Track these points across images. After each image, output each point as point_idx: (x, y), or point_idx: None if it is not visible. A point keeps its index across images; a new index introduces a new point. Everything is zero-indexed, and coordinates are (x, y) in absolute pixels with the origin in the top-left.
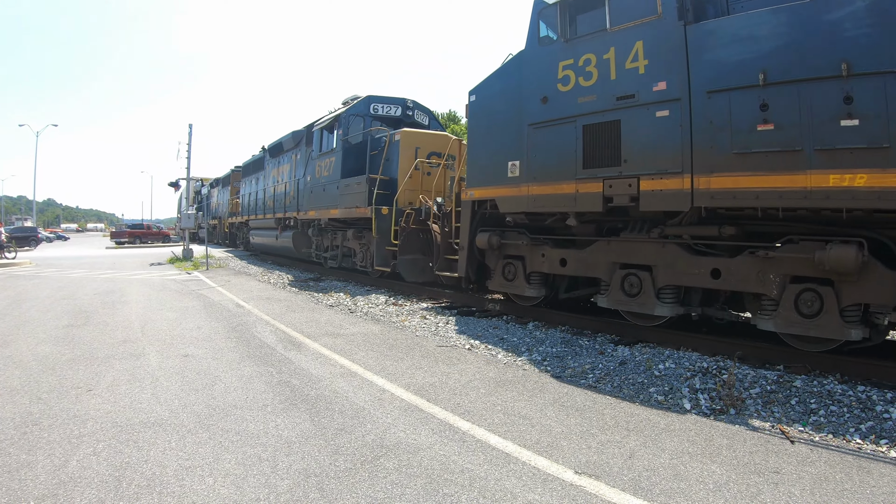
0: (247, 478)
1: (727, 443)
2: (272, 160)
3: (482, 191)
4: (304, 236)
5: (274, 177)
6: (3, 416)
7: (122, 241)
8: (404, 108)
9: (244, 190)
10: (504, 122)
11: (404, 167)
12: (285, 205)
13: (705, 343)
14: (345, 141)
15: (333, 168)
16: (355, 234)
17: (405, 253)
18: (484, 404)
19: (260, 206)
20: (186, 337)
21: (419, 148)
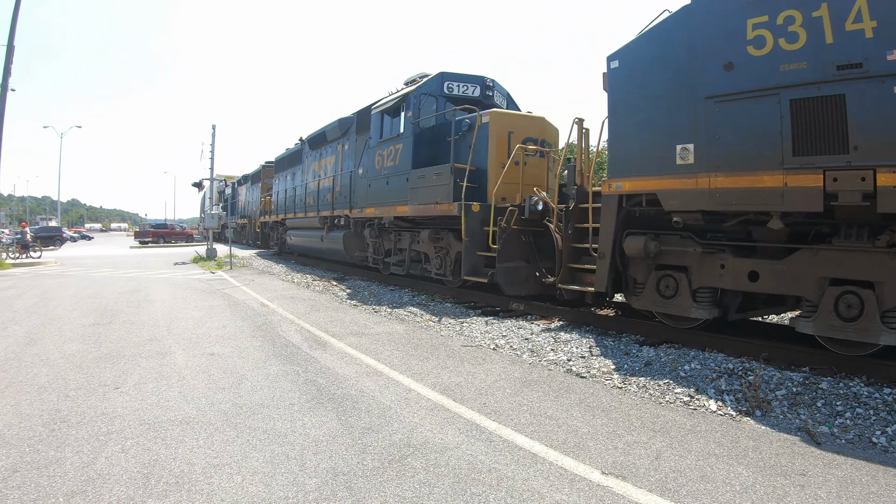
0: (275, 476)
1: (753, 444)
2: (312, 153)
3: (635, 182)
4: (358, 238)
5: (315, 171)
6: (31, 412)
7: (145, 241)
8: (483, 87)
9: (278, 187)
10: (666, 94)
11: (495, 155)
12: (333, 202)
13: (731, 344)
14: (415, 125)
15: (401, 157)
16: (431, 235)
17: (506, 260)
18: (510, 404)
19: (299, 204)
20: (212, 335)
21: (512, 133)
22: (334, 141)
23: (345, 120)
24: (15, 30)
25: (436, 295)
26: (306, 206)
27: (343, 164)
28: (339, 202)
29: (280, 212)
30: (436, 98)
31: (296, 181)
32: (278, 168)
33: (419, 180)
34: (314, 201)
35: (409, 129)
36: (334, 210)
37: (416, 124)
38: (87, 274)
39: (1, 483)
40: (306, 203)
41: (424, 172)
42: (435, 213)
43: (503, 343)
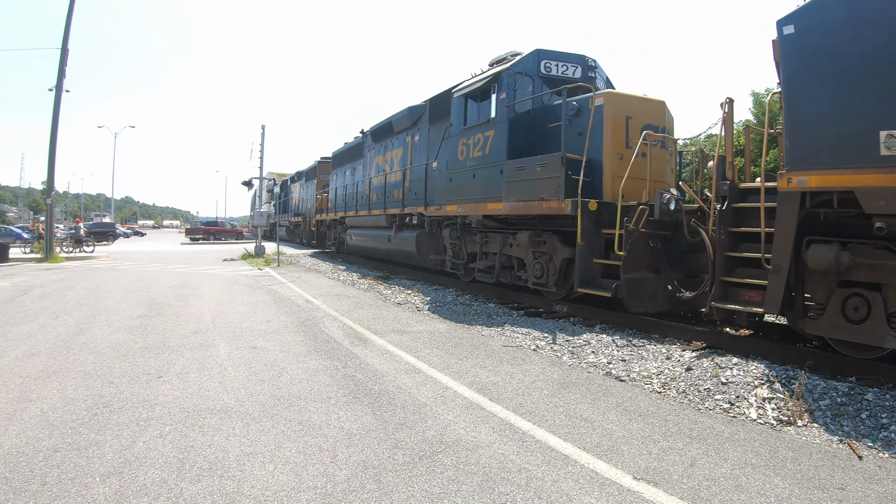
0: (306, 466)
1: (792, 455)
2: (376, 146)
3: (823, 176)
4: (433, 239)
5: (379, 165)
6: (75, 397)
7: (196, 238)
8: (584, 67)
9: (335, 183)
10: (866, 64)
11: (611, 144)
12: (402, 198)
13: (775, 350)
14: (510, 108)
15: (492, 146)
16: (532, 238)
17: (632, 269)
18: (546, 405)
19: (361, 201)
20: (256, 330)
21: (630, 118)
22: (402, 132)
23: (415, 108)
24: (69, 34)
25: (479, 295)
26: (370, 204)
27: (413, 156)
28: (410, 199)
29: (338, 209)
30: (532, 78)
31: (356, 177)
32: (336, 163)
33: (517, 173)
34: (379, 198)
35: (502, 112)
36: (404, 208)
37: (511, 108)
38: (137, 268)
39: (42, 462)
40: (369, 200)
41: (525, 164)
42: (538, 212)
43: (544, 344)
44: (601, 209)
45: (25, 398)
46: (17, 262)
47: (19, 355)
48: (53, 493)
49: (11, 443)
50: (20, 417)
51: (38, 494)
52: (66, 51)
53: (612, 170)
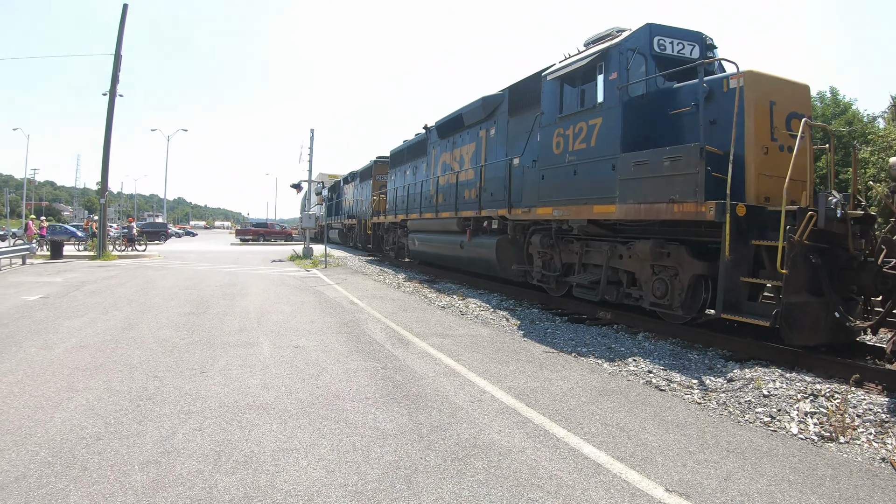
0: (339, 464)
1: (831, 473)
2: (442, 142)
3: None
4: (517, 246)
5: (446, 163)
6: (121, 389)
7: (246, 239)
8: (703, 46)
9: (394, 183)
10: None
11: (754, 135)
12: (479, 200)
13: (820, 364)
14: (622, 91)
15: (599, 136)
16: (654, 249)
17: (792, 291)
18: (583, 413)
19: (426, 202)
20: (299, 329)
21: (774, 104)
22: (475, 126)
23: (490, 99)
24: (122, 40)
25: (524, 300)
26: (437, 206)
27: (489, 152)
28: (486, 200)
29: (398, 212)
30: (644, 57)
31: (419, 176)
32: (394, 162)
33: (636, 169)
34: (447, 199)
35: (613, 96)
36: (481, 210)
37: (625, 90)
38: (187, 267)
39: (84, 448)
40: (436, 202)
41: (648, 157)
42: (667, 217)
43: (585, 351)
44: (753, 214)
45: (72, 388)
46: (71, 258)
47: (69, 347)
48: (93, 479)
49: (56, 429)
50: (66, 406)
51: (78, 479)
52: (119, 57)
53: (756, 166)
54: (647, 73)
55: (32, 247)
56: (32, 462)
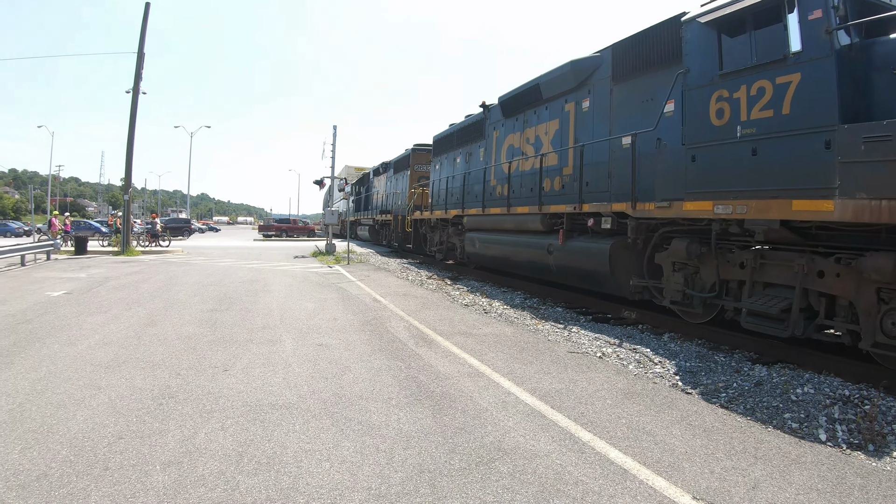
0: (362, 466)
1: (860, 483)
2: (508, 121)
3: None
4: (637, 255)
5: (514, 146)
6: (143, 386)
7: (269, 234)
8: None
9: (440, 173)
10: None
11: None
12: (578, 191)
13: (850, 368)
14: (830, 37)
15: (794, 99)
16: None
17: None
18: (609, 416)
19: (490, 195)
20: (322, 327)
21: None
22: (559, 97)
23: (583, 63)
24: (144, 39)
25: (548, 299)
26: (509, 199)
27: (580, 130)
28: (588, 192)
29: (449, 206)
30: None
31: (474, 164)
32: (440, 149)
33: (873, 148)
34: (521, 191)
35: (817, 43)
36: (582, 204)
37: (833, 36)
38: (210, 263)
39: (106, 447)
40: (505, 194)
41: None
42: None
43: (610, 352)
44: None
45: (95, 385)
46: (96, 254)
47: (92, 344)
48: (114, 479)
49: (78, 427)
50: (88, 404)
51: (99, 479)
52: (141, 55)
53: None
54: (850, 17)
55: (57, 242)
56: (54, 461)
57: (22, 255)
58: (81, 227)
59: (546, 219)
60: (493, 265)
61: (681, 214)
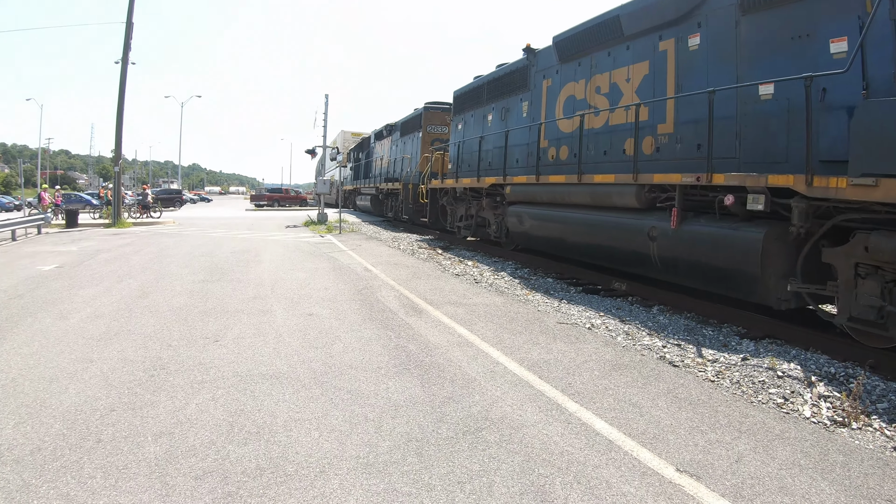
0: (351, 435)
1: (843, 460)
2: (567, 66)
3: None
4: (788, 250)
5: (577, 99)
6: (135, 358)
7: (261, 204)
8: None
9: (466, 133)
10: None
11: None
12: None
13: (836, 346)
14: None
15: None
16: None
17: None
18: (596, 387)
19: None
20: (313, 297)
21: None
22: (649, 33)
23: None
24: (133, 8)
25: (538, 269)
26: (580, 164)
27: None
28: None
29: (482, 172)
30: None
31: (513, 121)
32: (464, 105)
33: None
34: (594, 153)
35: None
36: (712, 174)
37: None
38: (201, 234)
39: (98, 420)
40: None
41: None
42: None
43: (599, 323)
44: None
45: (87, 359)
46: (87, 227)
47: (84, 317)
48: (107, 451)
49: (71, 401)
50: (81, 377)
51: (92, 451)
52: (130, 24)
53: None
54: None
55: (48, 216)
56: (48, 434)
57: (13, 229)
58: (72, 200)
59: (643, 192)
60: (550, 249)
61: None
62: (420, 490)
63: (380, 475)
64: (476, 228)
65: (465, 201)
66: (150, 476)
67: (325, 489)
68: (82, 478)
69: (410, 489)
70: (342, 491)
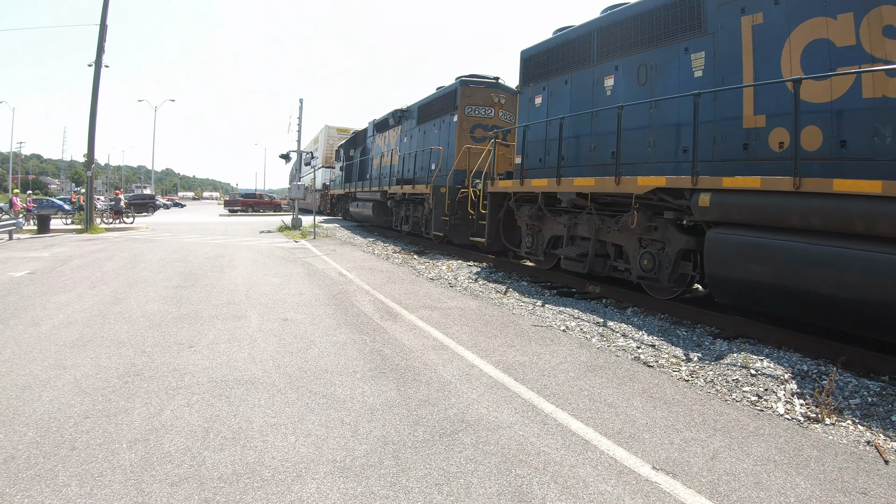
0: (327, 439)
1: (816, 455)
2: None
3: None
4: None
5: (833, 44)
6: (108, 365)
7: (234, 210)
8: None
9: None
10: None
11: None
12: None
13: (809, 344)
14: None
15: None
16: None
17: None
18: (571, 388)
19: (778, 150)
20: (288, 302)
21: None
22: None
23: None
24: (107, 10)
25: (513, 272)
26: None
27: None
28: None
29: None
30: None
31: (664, 83)
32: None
33: None
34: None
35: None
36: None
37: None
38: (175, 239)
39: (72, 427)
40: None
41: None
42: None
43: (574, 325)
44: None
45: (60, 366)
46: (59, 233)
47: (56, 324)
48: (82, 458)
49: (45, 409)
50: (54, 384)
51: (66, 459)
52: (104, 27)
53: None
54: None
55: (19, 222)
56: (21, 443)
57: None
58: (44, 206)
59: None
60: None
61: None
62: (398, 493)
63: (357, 478)
64: (594, 260)
65: (564, 214)
66: (125, 483)
67: (303, 493)
68: (57, 486)
69: (388, 492)
70: (319, 495)
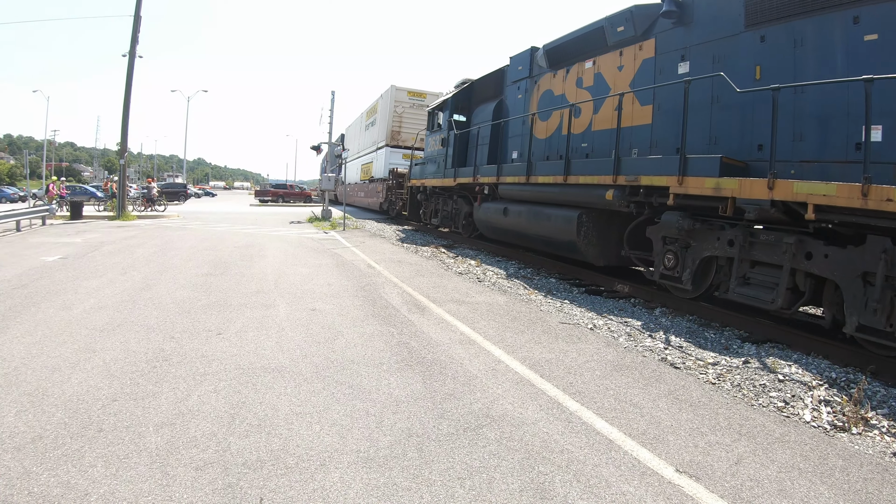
0: (351, 430)
1: (842, 464)
2: None
3: None
4: None
5: None
6: (137, 350)
7: (265, 200)
8: None
9: None
10: None
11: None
12: None
13: (838, 351)
14: None
15: None
16: None
17: None
18: (597, 387)
19: None
20: (316, 292)
21: None
22: None
23: None
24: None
25: (542, 269)
26: None
27: None
28: None
29: None
30: None
31: None
32: None
33: None
34: None
35: None
36: None
37: None
38: (205, 228)
39: (100, 409)
40: None
41: None
42: None
43: (601, 324)
44: None
45: (90, 349)
46: (91, 219)
47: (87, 308)
48: (108, 440)
49: (73, 390)
50: (83, 367)
51: (93, 440)
52: (138, 18)
53: None
54: None
55: (52, 207)
56: (49, 423)
57: (17, 220)
58: (77, 193)
59: None
60: None
61: None
62: (420, 485)
63: (380, 469)
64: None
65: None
66: (150, 466)
67: (326, 482)
68: (83, 466)
69: (410, 484)
70: (342, 484)
